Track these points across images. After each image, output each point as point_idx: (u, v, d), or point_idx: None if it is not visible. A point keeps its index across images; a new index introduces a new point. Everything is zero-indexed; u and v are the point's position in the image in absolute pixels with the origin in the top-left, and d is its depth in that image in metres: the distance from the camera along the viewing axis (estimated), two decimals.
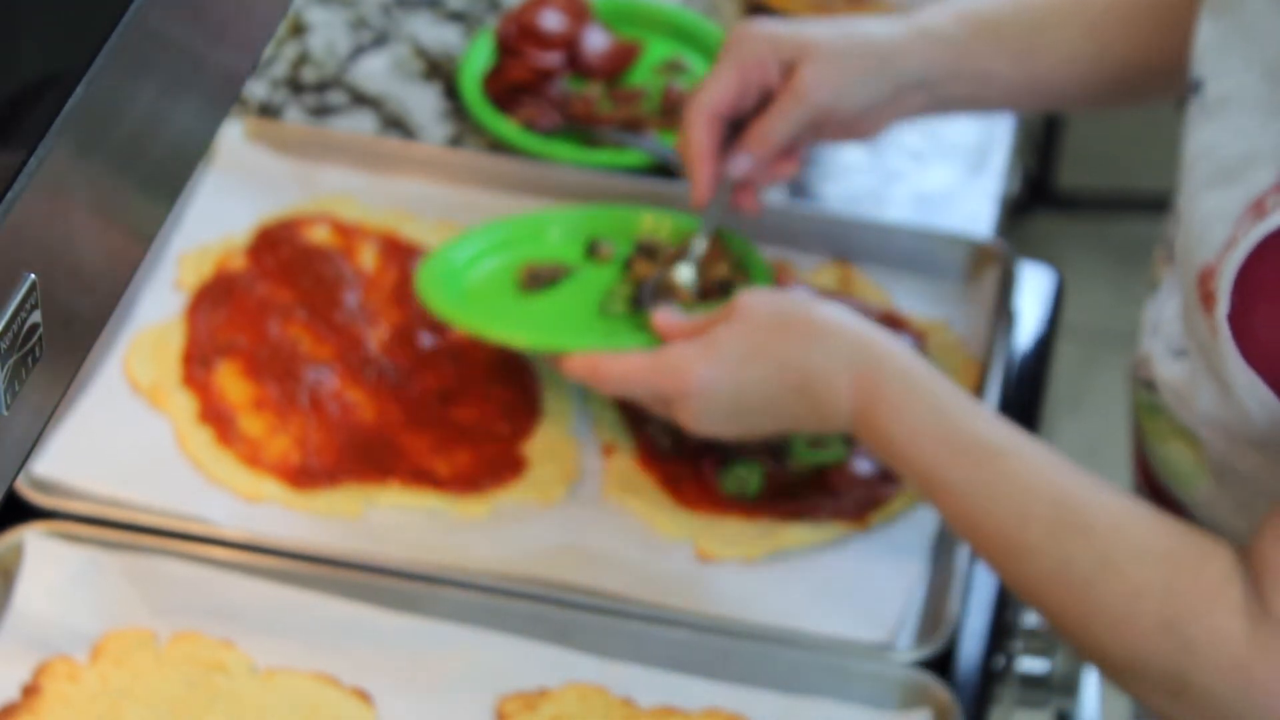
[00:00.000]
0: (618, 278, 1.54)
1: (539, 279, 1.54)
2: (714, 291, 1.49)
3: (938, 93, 1.51)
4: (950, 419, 1.29)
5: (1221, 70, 1.30)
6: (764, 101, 1.50)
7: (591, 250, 1.57)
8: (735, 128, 1.51)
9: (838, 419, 1.34)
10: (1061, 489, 1.25)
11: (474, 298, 1.53)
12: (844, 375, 1.33)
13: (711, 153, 1.49)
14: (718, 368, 1.35)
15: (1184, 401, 1.33)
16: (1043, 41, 1.51)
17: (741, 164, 1.49)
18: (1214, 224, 1.26)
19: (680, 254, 1.52)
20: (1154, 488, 1.42)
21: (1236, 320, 1.22)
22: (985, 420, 1.30)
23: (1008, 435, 1.29)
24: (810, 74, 1.47)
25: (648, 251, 1.55)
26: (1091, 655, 1.24)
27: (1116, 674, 1.23)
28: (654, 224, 1.58)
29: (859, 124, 1.52)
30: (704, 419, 1.37)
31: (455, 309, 1.49)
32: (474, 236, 1.57)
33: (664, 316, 1.42)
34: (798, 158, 1.53)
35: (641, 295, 1.50)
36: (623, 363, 1.39)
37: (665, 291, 1.49)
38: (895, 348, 1.33)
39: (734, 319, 1.37)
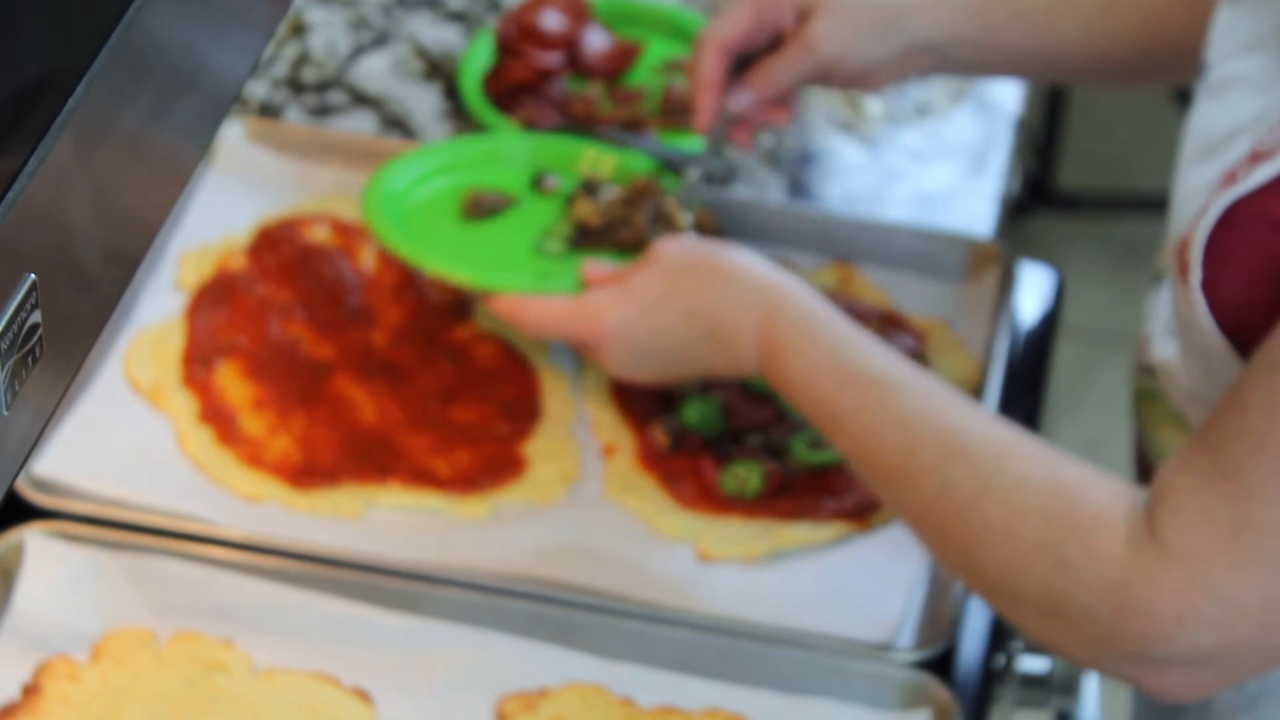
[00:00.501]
0: (558, 215, 1.56)
1: (481, 207, 1.56)
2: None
3: (946, 55, 1.54)
4: (845, 354, 1.32)
5: (1227, 53, 1.31)
6: (774, 42, 1.55)
7: (537, 183, 1.59)
8: (743, 64, 1.56)
9: (745, 361, 1.37)
10: (948, 418, 1.27)
11: (416, 221, 1.55)
12: (749, 318, 1.36)
13: (717, 84, 1.55)
14: (630, 313, 1.40)
15: (1173, 382, 1.34)
16: (1058, 13, 1.52)
17: (743, 99, 1.54)
18: (1191, 198, 1.27)
19: (642, 193, 1.54)
20: (1149, 476, 1.42)
21: (1209, 287, 1.23)
22: (879, 356, 1.32)
23: (900, 370, 1.31)
24: (821, 26, 1.52)
25: (590, 189, 1.57)
26: (970, 579, 1.25)
27: (993, 595, 1.24)
28: (595, 160, 1.60)
29: (865, 77, 1.56)
30: (619, 363, 1.42)
31: (397, 234, 1.51)
32: (421, 156, 1.59)
33: (592, 265, 1.46)
34: (791, 108, 1.57)
35: (597, 229, 1.53)
36: (543, 306, 1.43)
37: (664, 221, 1.52)
38: (798, 290, 1.36)
39: (649, 265, 1.41)
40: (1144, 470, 1.44)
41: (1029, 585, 1.20)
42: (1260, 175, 1.21)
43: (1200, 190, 1.26)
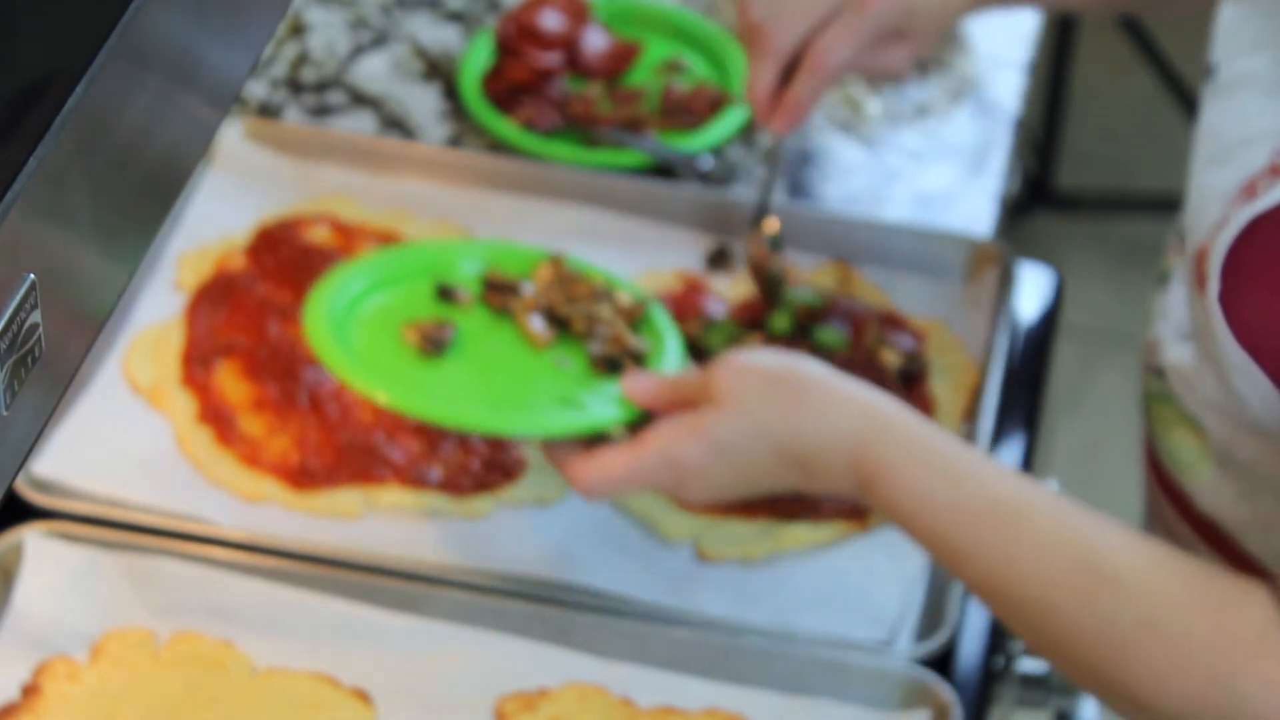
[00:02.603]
0: (510, 327, 1.41)
1: (434, 343, 1.37)
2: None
3: None
4: (959, 482, 1.23)
5: (1235, 53, 1.31)
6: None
7: (444, 295, 1.42)
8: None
9: (841, 488, 1.28)
10: (1085, 544, 1.20)
11: (374, 360, 1.36)
12: (843, 447, 1.26)
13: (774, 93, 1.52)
14: (711, 454, 1.28)
15: (1188, 386, 1.33)
16: None
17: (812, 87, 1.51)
18: (1208, 204, 1.26)
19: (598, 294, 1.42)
20: (1161, 479, 1.42)
21: (1227, 301, 1.22)
22: (996, 478, 1.24)
23: (1021, 491, 1.23)
24: None
25: (499, 288, 1.42)
26: (1134, 713, 1.20)
27: None
28: (491, 258, 1.46)
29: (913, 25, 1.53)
30: (700, 500, 1.31)
31: (374, 382, 1.33)
32: (329, 287, 1.40)
33: (635, 384, 1.34)
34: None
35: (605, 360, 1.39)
36: (609, 465, 1.29)
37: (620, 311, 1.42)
38: (893, 410, 1.27)
39: (723, 402, 1.28)
40: (1155, 470, 1.44)
41: (1182, 708, 1.16)
42: None
43: (1216, 197, 1.26)
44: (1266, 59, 1.28)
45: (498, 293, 1.42)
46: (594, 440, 1.32)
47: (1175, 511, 1.41)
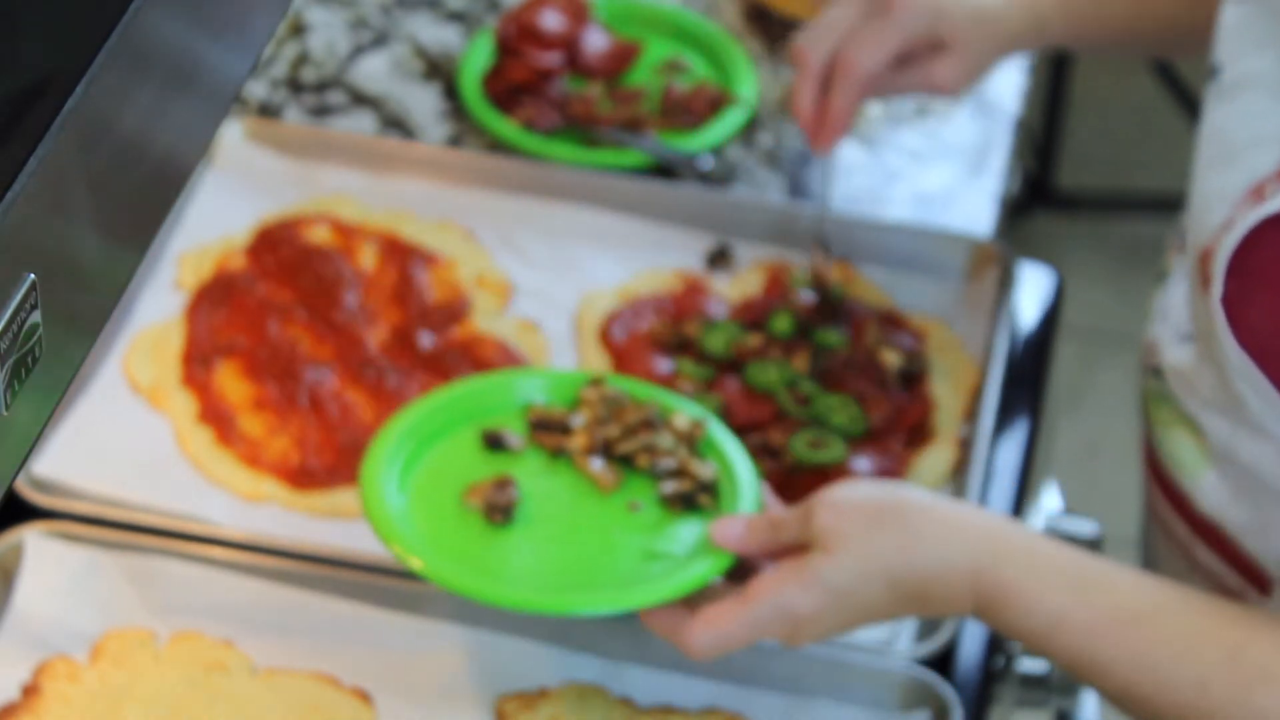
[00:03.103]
0: (570, 473, 1.36)
1: (502, 510, 1.32)
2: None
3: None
4: (1088, 595, 1.20)
5: (1239, 53, 1.31)
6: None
7: (492, 443, 1.37)
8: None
9: (960, 612, 1.25)
10: (1228, 638, 1.18)
11: (444, 540, 1.30)
12: (963, 574, 1.23)
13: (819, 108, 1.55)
14: (825, 599, 1.23)
15: (1188, 387, 1.33)
16: None
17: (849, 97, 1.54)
18: (1213, 205, 1.26)
19: (641, 419, 1.37)
20: (1160, 479, 1.42)
21: (1230, 303, 1.22)
22: (1124, 584, 1.21)
23: (1152, 593, 1.20)
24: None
25: (547, 426, 1.37)
26: None
27: None
28: (536, 394, 1.40)
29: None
30: (818, 639, 1.26)
31: (444, 568, 1.27)
32: (378, 457, 1.33)
33: (726, 532, 1.28)
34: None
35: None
36: (720, 623, 1.24)
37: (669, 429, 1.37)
38: (1010, 530, 1.24)
39: (831, 547, 1.23)
40: (1154, 471, 1.44)
41: None
42: None
43: (1222, 198, 1.26)
44: (1271, 59, 1.28)
45: (547, 432, 1.37)
46: (693, 595, 1.27)
47: (1174, 511, 1.41)
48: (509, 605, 1.26)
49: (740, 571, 1.29)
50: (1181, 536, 1.41)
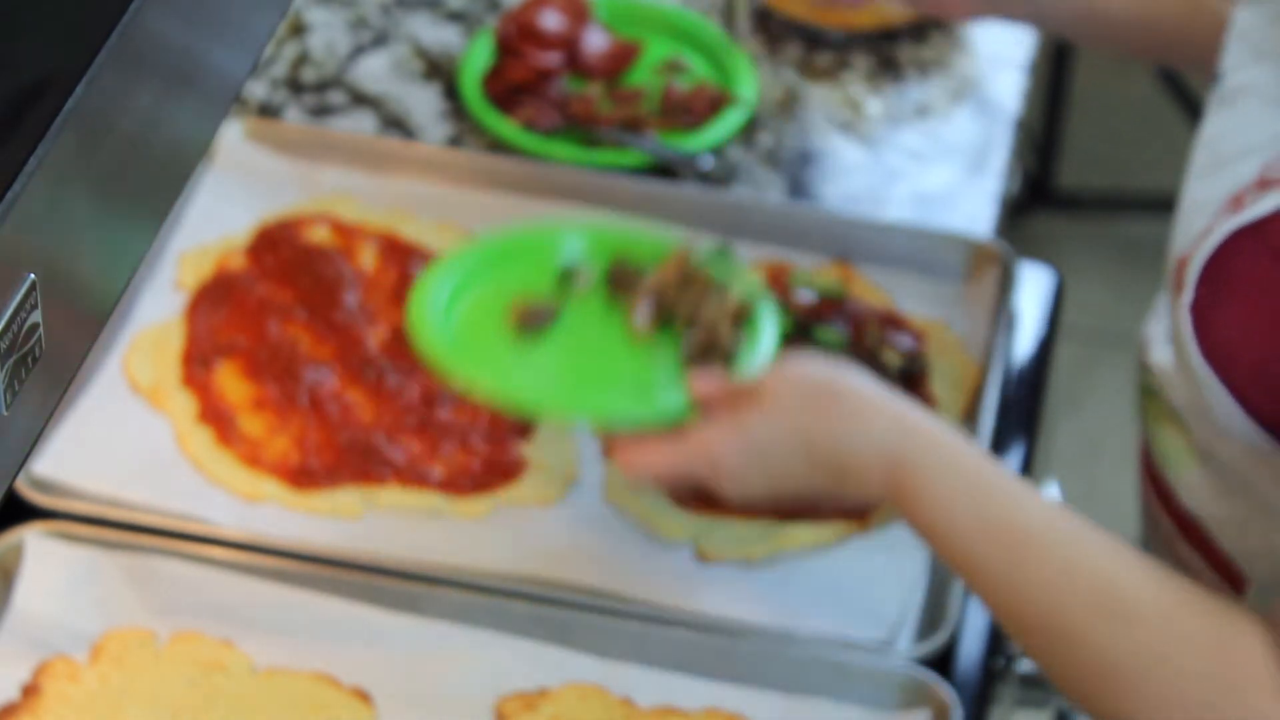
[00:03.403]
0: (605, 311, 1.46)
1: (532, 321, 1.45)
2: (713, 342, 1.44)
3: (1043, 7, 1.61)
4: (988, 503, 1.24)
5: (1242, 62, 1.31)
6: None
7: (565, 277, 1.49)
8: None
9: (873, 496, 1.30)
10: (1103, 574, 1.20)
11: (468, 343, 1.43)
12: (880, 458, 1.28)
13: None
14: (747, 454, 1.32)
15: (1171, 386, 1.34)
16: None
17: None
18: (1195, 213, 1.26)
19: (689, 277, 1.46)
20: (1150, 472, 1.42)
21: (1199, 311, 1.23)
22: (1026, 502, 1.24)
23: (1048, 517, 1.23)
24: None
25: (621, 276, 1.48)
26: None
27: None
28: (621, 244, 1.51)
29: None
30: (736, 496, 1.33)
31: (461, 364, 1.41)
32: (450, 265, 1.48)
33: (700, 382, 1.37)
34: None
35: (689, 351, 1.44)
36: (652, 452, 1.35)
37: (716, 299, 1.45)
38: (934, 428, 1.28)
39: (764, 404, 1.32)
40: (1147, 466, 1.44)
41: None
42: (1267, 204, 1.20)
43: (1204, 207, 1.26)
44: (1269, 69, 1.28)
45: (618, 281, 1.47)
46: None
47: (1160, 506, 1.42)
48: (480, 389, 1.39)
49: None
50: (1166, 531, 1.42)
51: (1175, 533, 1.41)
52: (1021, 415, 1.55)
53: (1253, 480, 1.30)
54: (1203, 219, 1.25)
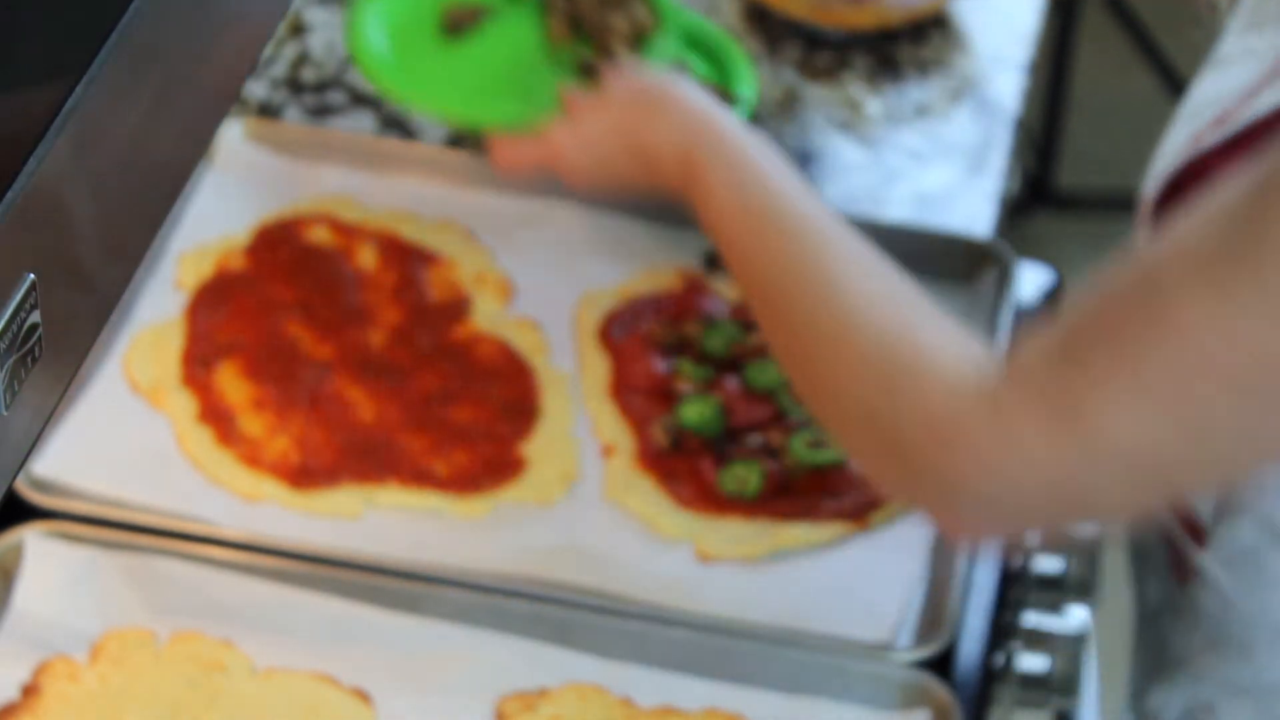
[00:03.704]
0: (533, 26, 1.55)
1: (459, 24, 1.54)
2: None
3: None
4: (752, 189, 1.37)
5: (1242, 27, 1.32)
6: None
7: None
8: None
9: (673, 188, 1.44)
10: (832, 264, 1.32)
11: (397, 43, 1.52)
12: (673, 147, 1.42)
13: None
14: (581, 147, 1.48)
15: None
16: None
17: None
18: (1162, 159, 1.28)
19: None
20: None
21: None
22: (787, 197, 1.35)
23: (805, 210, 1.35)
24: None
25: None
26: (816, 405, 1.30)
27: (839, 425, 1.29)
28: None
29: None
30: (579, 186, 1.51)
31: (379, 64, 1.50)
32: None
33: (568, 88, 1.50)
34: None
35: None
36: (516, 148, 1.51)
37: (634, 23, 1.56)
38: (723, 122, 1.41)
39: (601, 103, 1.48)
40: None
41: (863, 406, 1.26)
42: (1215, 136, 1.21)
43: (1170, 151, 1.27)
44: (1267, 36, 1.29)
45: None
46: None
47: None
48: (379, 84, 1.51)
49: None
50: None
51: None
52: None
53: None
54: (1166, 163, 1.26)
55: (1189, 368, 1.13)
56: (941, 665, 1.35)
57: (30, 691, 1.31)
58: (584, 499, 1.46)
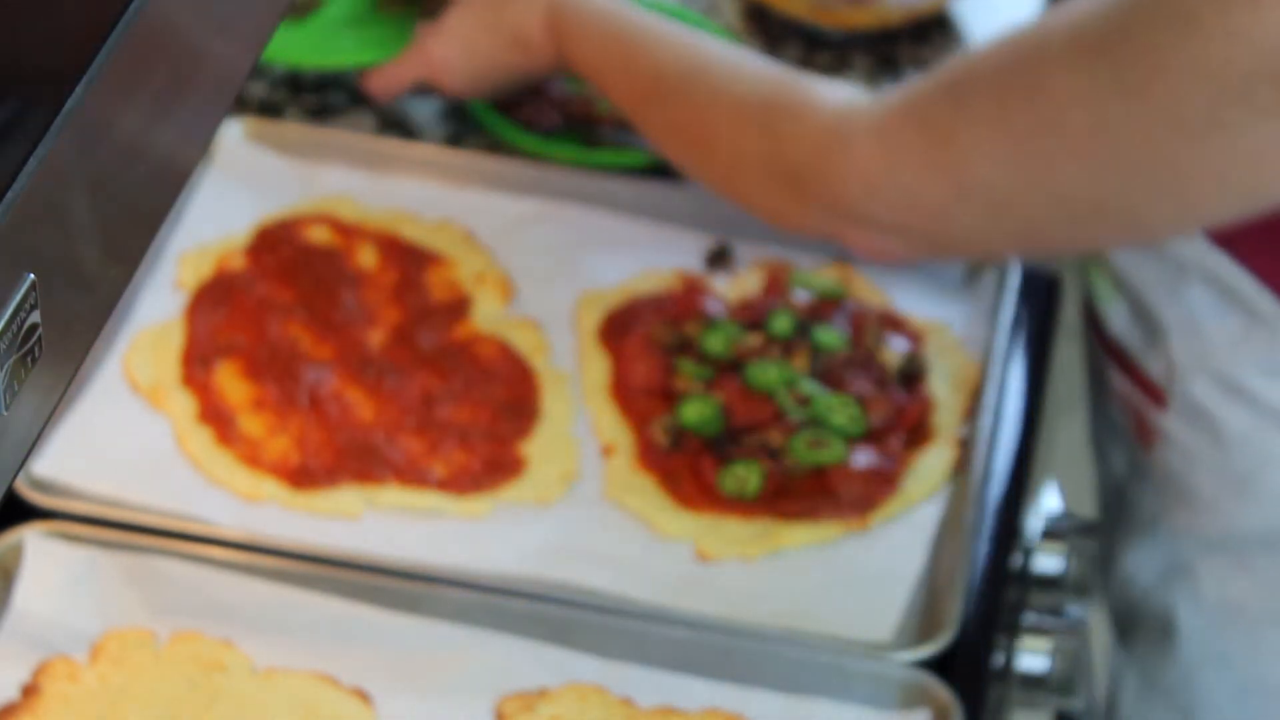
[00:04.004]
0: None
1: None
2: None
3: None
4: (611, 19, 1.54)
5: None
6: None
7: None
8: None
9: (550, 59, 1.59)
10: (699, 54, 1.49)
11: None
12: (535, 15, 1.57)
13: None
14: (450, 45, 1.62)
15: None
16: None
17: None
18: None
19: None
20: (1089, 312, 1.56)
21: None
22: (646, 19, 1.53)
23: (663, 27, 1.52)
24: None
25: None
26: (702, 170, 1.49)
27: (723, 178, 1.47)
28: None
29: None
30: (459, 89, 1.64)
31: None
32: None
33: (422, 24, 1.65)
34: None
35: None
36: (387, 69, 1.66)
37: None
38: None
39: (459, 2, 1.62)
40: (1086, 311, 1.56)
41: (749, 151, 1.42)
42: None
43: None
44: None
45: None
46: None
47: (1097, 339, 1.56)
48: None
49: None
50: (1102, 362, 1.56)
51: (1106, 360, 1.55)
52: (1021, 415, 1.55)
53: (1152, 303, 1.44)
54: None
55: (1048, 128, 1.29)
56: (941, 665, 1.35)
57: (30, 691, 1.31)
58: (584, 499, 1.46)
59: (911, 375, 1.53)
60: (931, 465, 1.48)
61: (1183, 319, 1.42)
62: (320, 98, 1.78)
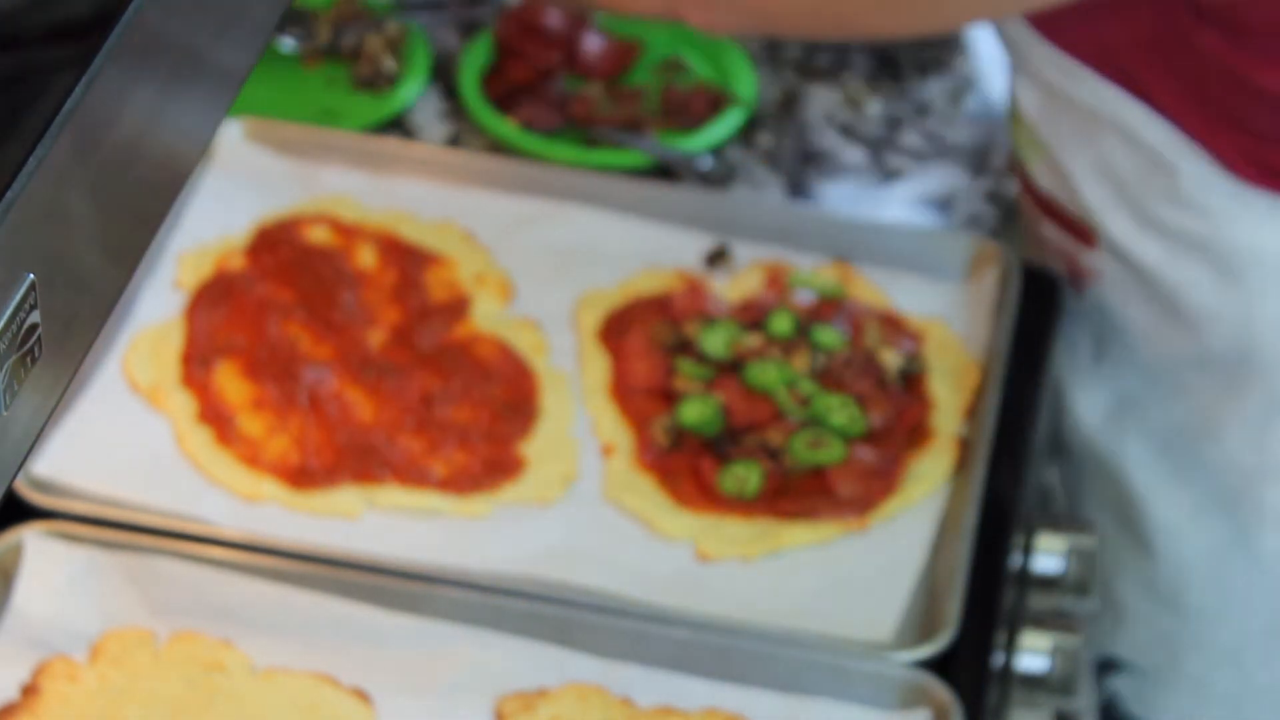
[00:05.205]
0: None
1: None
2: None
3: None
4: None
5: None
6: None
7: None
8: None
9: None
10: None
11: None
12: None
13: None
14: None
15: (1025, 100, 1.63)
16: None
17: None
18: None
19: None
20: (1020, 174, 1.67)
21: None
22: None
23: None
24: None
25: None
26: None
27: None
28: None
29: None
30: None
31: None
32: None
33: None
34: None
35: None
36: None
37: None
38: None
39: None
40: (1019, 173, 1.64)
41: None
42: None
43: None
44: None
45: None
46: None
47: (1028, 196, 1.66)
48: None
49: None
50: (1033, 215, 1.65)
51: (1037, 213, 1.65)
52: (1022, 415, 1.55)
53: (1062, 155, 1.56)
54: None
55: None
56: (941, 665, 1.35)
57: (30, 691, 1.31)
58: (584, 499, 1.46)
59: (911, 375, 1.53)
60: (931, 465, 1.48)
61: (1097, 162, 1.56)
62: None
